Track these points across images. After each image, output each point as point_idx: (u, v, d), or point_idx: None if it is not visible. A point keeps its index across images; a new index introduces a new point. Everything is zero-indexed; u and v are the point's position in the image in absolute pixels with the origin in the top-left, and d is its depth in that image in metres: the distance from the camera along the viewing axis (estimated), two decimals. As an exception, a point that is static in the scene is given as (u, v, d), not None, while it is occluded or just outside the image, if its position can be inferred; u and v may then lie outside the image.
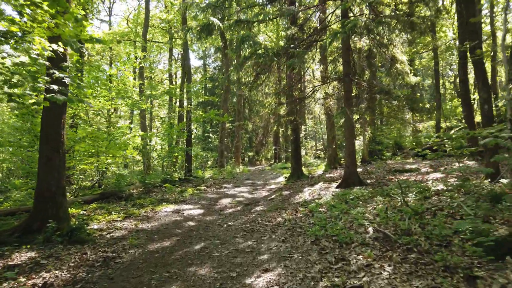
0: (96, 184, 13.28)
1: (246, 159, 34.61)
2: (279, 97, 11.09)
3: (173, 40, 25.41)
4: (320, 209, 6.02)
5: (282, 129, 36.45)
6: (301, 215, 5.97)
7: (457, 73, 32.63)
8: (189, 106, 14.56)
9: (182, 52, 19.56)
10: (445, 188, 5.83)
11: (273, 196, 9.34)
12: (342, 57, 10.02)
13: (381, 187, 7.46)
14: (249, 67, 9.61)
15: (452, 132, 18.88)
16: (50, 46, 4.81)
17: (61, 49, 4.88)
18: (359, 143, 23.20)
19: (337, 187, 9.26)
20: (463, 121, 22.42)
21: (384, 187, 6.92)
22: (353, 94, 10.39)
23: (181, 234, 5.71)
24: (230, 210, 7.69)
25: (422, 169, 11.93)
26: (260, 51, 7.97)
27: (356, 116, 12.29)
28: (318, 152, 38.15)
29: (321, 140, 41.07)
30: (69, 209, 7.75)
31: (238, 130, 21.07)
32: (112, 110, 30.41)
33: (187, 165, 14.67)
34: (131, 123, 27.65)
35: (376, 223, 4.43)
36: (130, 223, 6.51)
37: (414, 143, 23.32)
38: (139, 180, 11.11)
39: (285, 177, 13.81)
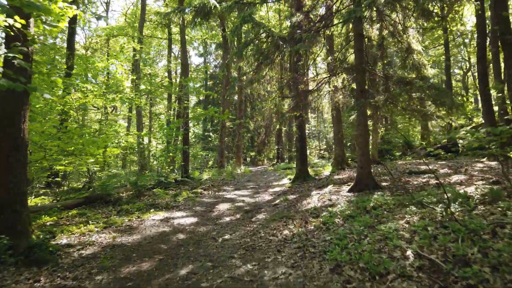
0: (86, 186, 12.32)
1: (248, 159, 33.59)
2: (283, 91, 10.03)
3: (172, 34, 24.42)
4: (335, 219, 4.96)
5: (285, 128, 35.49)
6: (312, 227, 4.91)
7: (464, 70, 31.35)
8: (186, 102, 13.52)
9: (180, 47, 18.51)
10: (486, 194, 4.74)
11: (277, 201, 8.28)
12: (354, 45, 8.95)
13: (407, 193, 6.39)
14: (250, 56, 8.56)
15: (463, 130, 17.47)
16: (5, 20, 3.84)
17: (18, 24, 3.89)
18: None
19: (349, 191, 8.20)
20: (474, 118, 21.11)
21: (415, 194, 5.81)
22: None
23: (166, 251, 4.66)
24: (228, 219, 6.63)
25: (440, 171, 10.85)
26: (263, 35, 6.91)
27: (368, 112, 11.21)
28: (322, 151, 37.08)
29: (324, 140, 39.96)
30: (44, 217, 6.75)
31: (239, 129, 20.01)
32: (111, 109, 29.59)
33: (184, 165, 13.64)
34: (129, 121, 26.71)
35: (416, 244, 3.36)
36: (107, 235, 5.47)
37: (423, 142, 22.24)
38: (129, 182, 10.09)
39: (290, 179, 12.75)
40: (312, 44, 6.95)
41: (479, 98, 27.20)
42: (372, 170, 12.58)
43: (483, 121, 20.01)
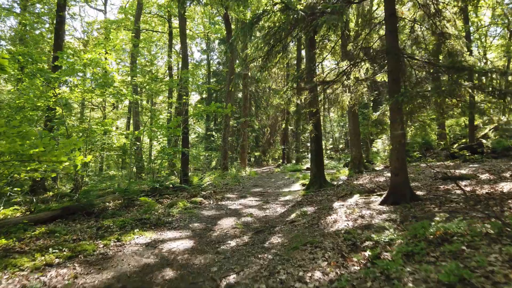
0: (73, 193, 10.92)
1: (252, 159, 32.15)
2: (297, 83, 8.49)
3: (172, 28, 23.05)
4: (388, 255, 3.44)
5: (291, 127, 33.97)
6: (356, 267, 3.38)
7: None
8: (185, 97, 12.03)
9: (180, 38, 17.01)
10: None
11: (293, 216, 6.75)
12: (385, 26, 7.41)
13: (463, 210, 4.84)
14: (259, 39, 7.04)
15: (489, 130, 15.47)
16: None
17: None
18: (383, 141, 20.49)
19: (382, 203, 6.66)
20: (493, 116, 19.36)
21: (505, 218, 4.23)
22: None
23: (142, 306, 3.16)
24: (233, 243, 5.11)
25: (481, 176, 9.31)
26: (277, 7, 5.39)
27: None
28: (328, 151, 35.44)
29: (331, 139, 38.33)
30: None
31: (244, 127, 18.48)
32: (112, 107, 28.18)
33: (183, 169, 12.15)
34: (129, 120, 25.31)
35: None
36: (69, 272, 3.98)
37: (442, 143, 20.61)
38: (117, 190, 8.63)
39: (302, 184, 11.22)
40: (342, 16, 5.41)
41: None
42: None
43: (504, 120, 18.35)
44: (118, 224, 6.37)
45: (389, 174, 11.85)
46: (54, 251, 4.62)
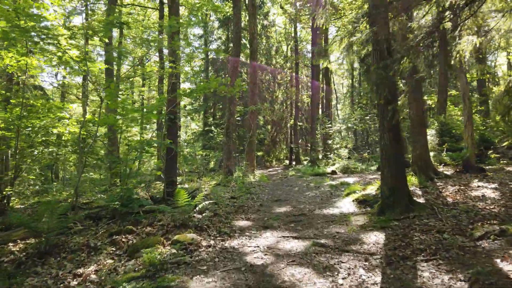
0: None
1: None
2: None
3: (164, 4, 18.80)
4: None
5: (301, 123, 29.71)
6: None
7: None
8: (172, 64, 7.79)
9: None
10: None
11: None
12: None
13: None
14: None
15: None
16: None
17: None
18: (429, 138, 16.31)
19: None
20: None
21: None
22: None
23: None
24: None
25: None
26: None
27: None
28: (341, 150, 31.09)
29: (337, 138, 33.84)
30: None
31: (254, 119, 14.17)
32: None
33: (167, 174, 7.86)
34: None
35: None
36: None
37: (494, 140, 16.50)
38: (23, 223, 4.39)
39: (359, 201, 6.94)
40: None
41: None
42: (496, 185, 6.81)
43: None
44: None
45: (481, 184, 7.65)
46: None
